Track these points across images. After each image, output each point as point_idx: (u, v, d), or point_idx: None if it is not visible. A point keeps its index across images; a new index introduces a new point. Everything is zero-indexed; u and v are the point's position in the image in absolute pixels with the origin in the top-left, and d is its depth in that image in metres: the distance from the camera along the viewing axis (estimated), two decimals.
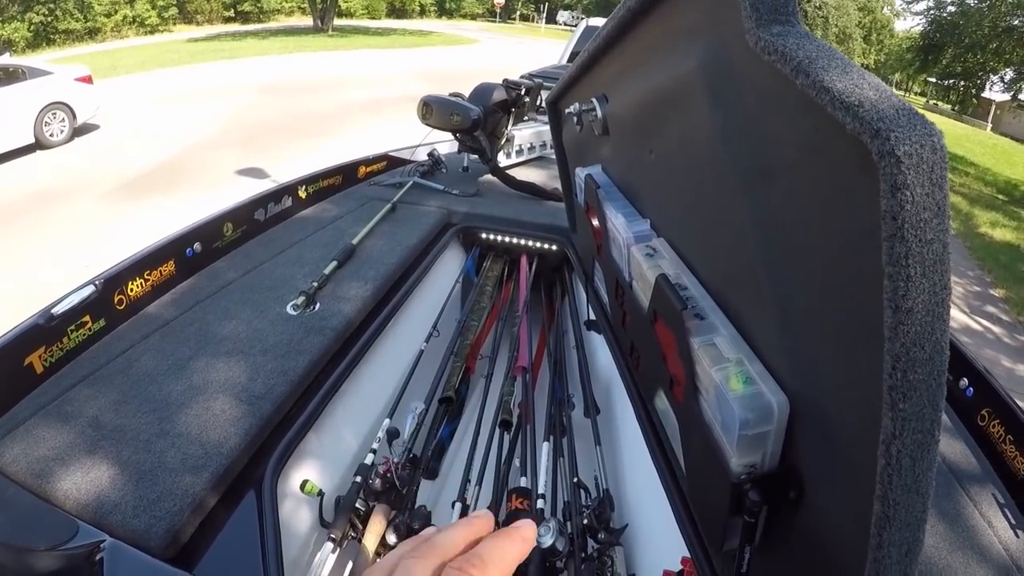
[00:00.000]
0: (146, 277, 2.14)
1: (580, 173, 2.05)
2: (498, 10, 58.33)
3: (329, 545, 1.53)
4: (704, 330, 1.18)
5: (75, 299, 1.88)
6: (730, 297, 1.22)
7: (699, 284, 1.34)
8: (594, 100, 1.86)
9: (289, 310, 2.19)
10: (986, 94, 32.61)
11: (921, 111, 0.70)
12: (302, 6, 39.69)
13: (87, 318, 1.90)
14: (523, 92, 3.87)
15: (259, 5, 39.34)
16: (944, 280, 0.66)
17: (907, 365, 0.67)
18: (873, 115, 0.66)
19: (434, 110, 3.39)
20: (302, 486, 1.65)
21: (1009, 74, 22.24)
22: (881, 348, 0.68)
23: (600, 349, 2.59)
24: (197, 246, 2.38)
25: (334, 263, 2.49)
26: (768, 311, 1.04)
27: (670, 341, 1.29)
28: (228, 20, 38.55)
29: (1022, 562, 1.60)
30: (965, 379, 2.17)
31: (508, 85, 3.82)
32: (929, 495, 0.74)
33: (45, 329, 1.77)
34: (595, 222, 1.97)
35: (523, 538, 0.53)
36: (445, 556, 0.49)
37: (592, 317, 2.49)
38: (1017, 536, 1.69)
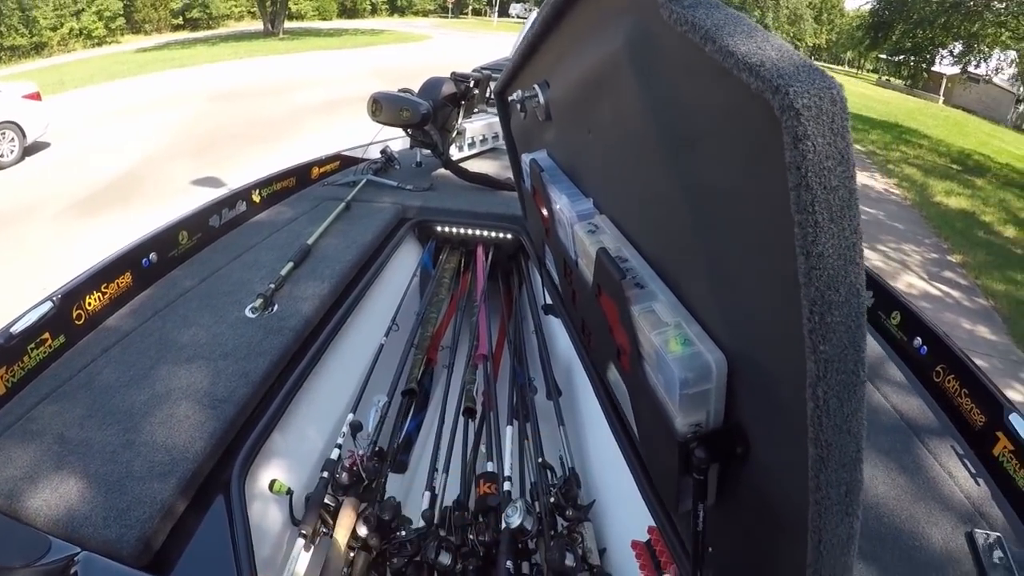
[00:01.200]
0: (104, 290, 2.14)
1: (526, 158, 2.07)
2: (450, 5, 58.13)
3: (301, 542, 1.55)
4: (643, 298, 1.21)
5: (33, 317, 1.87)
6: (668, 264, 1.25)
7: (639, 255, 1.37)
8: (536, 86, 1.88)
9: (248, 313, 2.20)
10: (937, 68, 33.00)
11: (874, 85, 0.73)
12: (252, 10, 39.32)
13: (47, 335, 1.90)
14: (472, 85, 3.89)
15: (208, 11, 38.96)
16: (854, 225, 0.68)
17: (824, 308, 0.70)
18: (773, 73, 0.69)
19: (383, 107, 3.38)
20: (270, 486, 1.67)
21: (958, 47, 22.52)
22: (799, 295, 0.71)
23: (558, 332, 2.63)
24: (153, 256, 2.37)
25: (290, 264, 2.50)
26: (702, 274, 1.07)
27: (614, 312, 1.32)
28: (177, 28, 38.16)
29: (984, 509, 1.66)
30: (919, 338, 2.23)
31: (457, 78, 3.83)
32: (861, 435, 0.77)
33: (5, 349, 1.76)
34: (542, 205, 2.00)
35: None
36: None
37: (548, 301, 2.52)
38: (977, 484, 1.75)
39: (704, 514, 1.09)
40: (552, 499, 1.75)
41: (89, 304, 2.08)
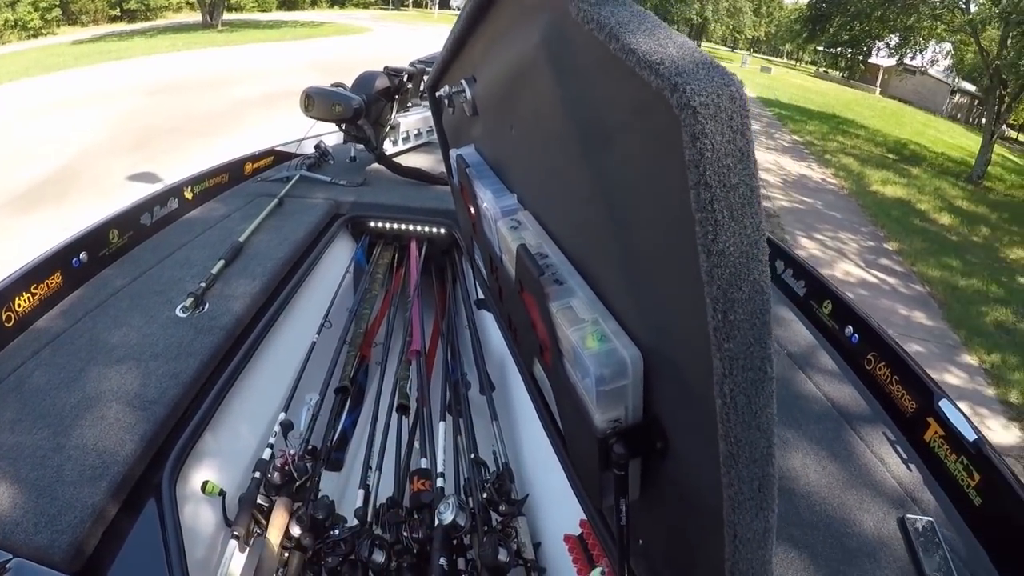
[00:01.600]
0: (33, 291, 2.09)
1: (453, 154, 2.07)
2: None
3: (234, 543, 1.54)
4: (562, 294, 1.21)
5: None
6: (586, 260, 1.26)
7: (560, 251, 1.37)
8: (463, 82, 1.87)
9: (178, 312, 2.17)
10: (874, 60, 33.51)
11: (812, 77, 0.73)
12: (190, 2, 38.59)
13: None
14: (406, 79, 3.87)
15: (146, 3, 38.15)
16: (755, 222, 0.69)
17: (726, 306, 0.70)
18: (672, 71, 0.69)
19: (316, 102, 3.36)
20: (203, 487, 1.65)
21: (894, 40, 22.84)
22: (703, 292, 0.72)
23: (491, 327, 2.63)
24: (83, 255, 2.33)
25: (222, 262, 2.46)
26: (617, 270, 1.08)
27: (535, 308, 1.32)
28: (114, 19, 37.32)
29: (916, 494, 1.70)
30: (850, 327, 2.27)
31: (390, 72, 3.80)
32: (771, 431, 0.77)
33: None
34: (469, 201, 2.00)
35: None
36: None
37: (481, 296, 2.52)
38: (909, 470, 1.79)
39: (627, 508, 1.10)
40: (485, 495, 1.76)
41: (18, 305, 2.03)
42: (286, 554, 1.62)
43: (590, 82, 1.00)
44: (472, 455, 1.94)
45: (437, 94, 2.08)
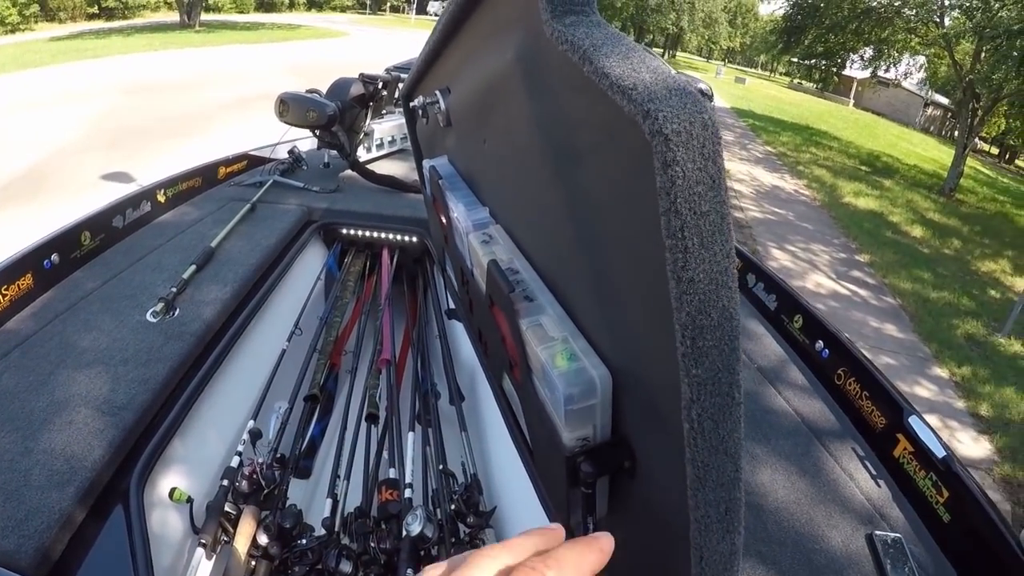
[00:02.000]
0: (3, 292, 2.08)
1: (426, 164, 2.06)
2: (368, 1, 57.66)
3: (201, 551, 1.54)
4: (532, 311, 1.21)
5: None
6: (557, 278, 1.25)
7: (531, 268, 1.37)
8: (437, 92, 1.87)
9: (149, 317, 2.15)
10: (847, 72, 33.81)
11: (786, 88, 0.73)
12: (168, 1, 38.40)
13: None
14: (381, 86, 3.87)
15: (124, 1, 37.87)
16: (726, 249, 0.69)
17: (695, 332, 0.70)
18: (644, 96, 0.68)
19: (291, 107, 3.35)
20: (170, 494, 1.64)
21: (868, 52, 23.04)
22: (672, 318, 0.71)
23: (462, 337, 2.63)
24: (55, 257, 2.31)
25: (193, 267, 2.45)
26: (587, 289, 1.08)
27: (505, 324, 1.32)
28: (92, 17, 36.99)
29: (884, 510, 1.71)
30: (820, 342, 2.28)
31: (365, 79, 3.80)
32: (738, 455, 0.77)
33: None
34: (441, 213, 2.00)
35: (600, 548, 0.52)
36: (517, 557, 0.48)
37: (452, 306, 2.52)
38: (878, 486, 1.80)
39: (593, 526, 1.10)
40: (454, 506, 1.76)
41: None
42: (253, 563, 1.61)
43: (563, 102, 1.00)
44: (441, 466, 1.94)
45: (411, 104, 2.08)
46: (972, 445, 5.18)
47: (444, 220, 1.97)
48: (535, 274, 1.34)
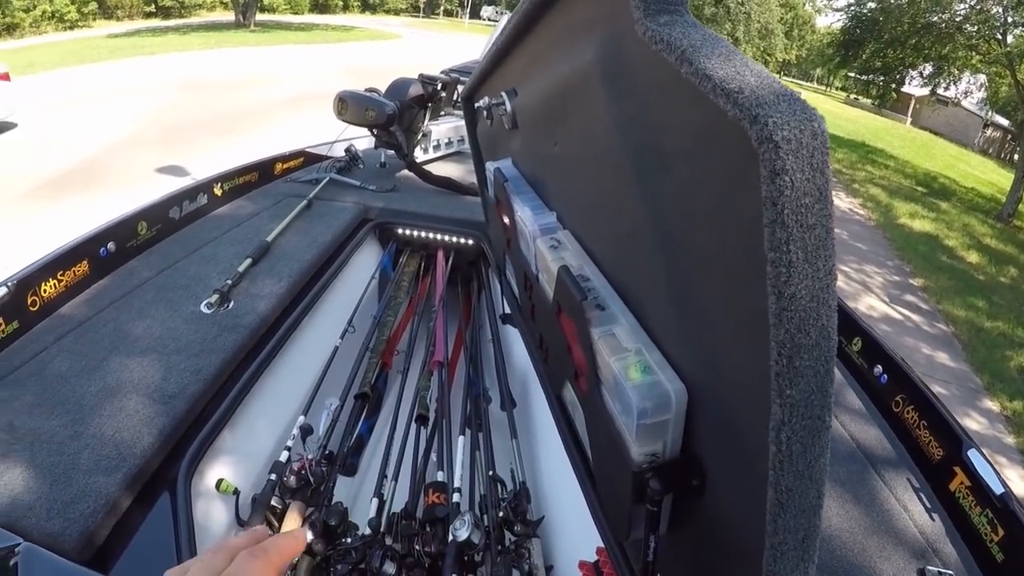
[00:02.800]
0: (60, 278, 2.11)
1: (490, 167, 2.05)
2: (422, 5, 58.19)
3: None
4: (604, 320, 1.18)
5: None
6: (631, 287, 1.22)
7: (602, 275, 1.34)
8: (503, 94, 1.86)
9: (203, 308, 2.17)
10: (906, 88, 33.42)
11: (842, 104, 0.69)
12: (224, 1, 39.11)
13: None
14: (439, 87, 3.88)
15: (180, 0, 38.58)
16: (828, 266, 0.65)
17: (792, 351, 0.67)
18: (752, 101, 0.65)
19: (350, 106, 3.37)
20: (217, 484, 1.66)
21: (928, 69, 22.75)
22: (768, 335, 0.68)
23: (516, 342, 2.61)
24: (111, 245, 2.34)
25: (248, 260, 2.46)
26: (666, 300, 1.04)
27: (573, 332, 1.30)
28: (149, 15, 37.76)
29: (936, 545, 1.65)
30: (879, 366, 2.22)
31: (424, 80, 3.82)
32: (823, 481, 0.74)
33: None
34: (505, 215, 1.98)
35: (295, 537, 0.68)
36: (234, 551, 0.61)
37: (507, 311, 2.50)
38: (932, 519, 1.74)
39: (655, 545, 1.07)
40: (501, 513, 1.74)
41: (44, 291, 2.05)
42: (295, 558, 1.60)
43: (651, 104, 0.97)
44: (490, 471, 1.92)
45: (476, 104, 2.06)
46: (1021, 484, 5.02)
47: (507, 223, 1.94)
48: (605, 281, 1.31)
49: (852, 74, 32.66)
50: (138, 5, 37.27)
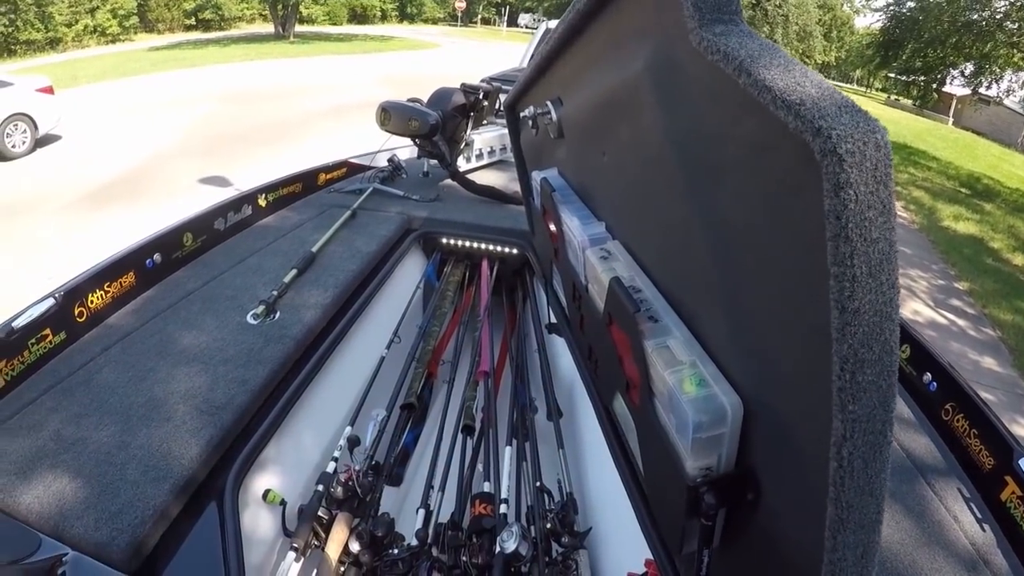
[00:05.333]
0: (106, 289, 2.13)
1: (536, 176, 2.04)
2: (459, 14, 58.38)
3: (292, 554, 1.54)
4: (657, 332, 1.17)
5: (35, 312, 1.87)
6: (684, 299, 1.22)
7: (653, 286, 1.33)
8: (549, 103, 1.86)
9: (249, 319, 2.18)
10: (947, 88, 32.98)
11: (883, 105, 0.69)
12: (263, 13, 39.53)
13: (47, 331, 1.90)
14: (481, 96, 3.88)
15: (220, 13, 39.15)
16: (892, 279, 0.65)
17: (855, 366, 0.66)
18: (814, 113, 0.65)
19: (392, 116, 3.38)
20: (264, 495, 1.66)
21: (969, 68, 22.48)
22: (830, 349, 0.67)
23: (562, 352, 2.59)
24: (157, 257, 2.37)
25: (294, 271, 2.48)
26: (720, 312, 1.04)
27: (625, 344, 1.29)
28: (189, 28, 38.37)
29: (988, 556, 1.61)
30: (928, 374, 2.18)
31: (466, 89, 3.82)
32: (883, 497, 0.73)
33: (5, 343, 1.76)
34: (552, 225, 1.97)
35: None
36: None
37: (553, 320, 2.49)
38: (983, 530, 1.70)
39: (709, 559, 1.06)
40: (548, 524, 1.72)
41: (91, 302, 2.07)
42: (343, 569, 1.61)
43: (705, 114, 0.96)
44: (536, 482, 1.90)
45: (520, 114, 2.06)
46: None
47: (554, 233, 1.94)
48: (657, 293, 1.30)
49: (892, 75, 32.31)
50: (178, 18, 37.90)
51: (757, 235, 0.87)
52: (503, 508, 1.77)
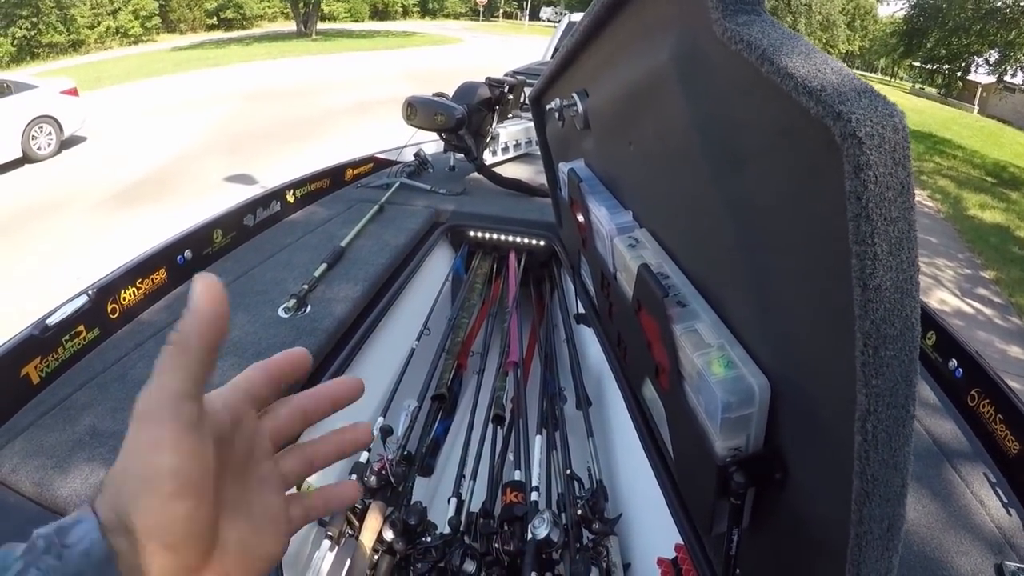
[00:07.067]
0: (138, 285, 2.16)
1: (563, 168, 2.06)
2: (481, 8, 58.26)
3: (327, 543, 1.57)
4: (686, 317, 1.19)
5: (68, 309, 1.89)
6: (711, 283, 1.23)
7: (681, 272, 1.35)
8: (574, 95, 1.87)
9: (281, 313, 2.21)
10: (972, 76, 32.65)
11: (907, 94, 0.71)
12: (285, 11, 39.64)
13: (81, 327, 1.92)
14: (507, 89, 3.88)
15: (241, 12, 39.30)
16: (911, 257, 0.66)
17: (878, 342, 0.68)
18: (835, 98, 0.67)
19: (418, 110, 3.40)
20: (298, 485, 1.67)
21: (994, 56, 22.25)
22: (853, 326, 0.69)
23: (590, 342, 2.61)
24: (188, 253, 2.40)
25: (324, 265, 2.50)
26: (747, 295, 1.06)
27: (654, 329, 1.30)
28: (211, 28, 38.53)
29: (1015, 540, 1.61)
30: (954, 360, 2.18)
31: (491, 83, 3.83)
32: (907, 470, 0.75)
33: (40, 340, 1.79)
34: (579, 216, 1.99)
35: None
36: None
37: (581, 310, 2.51)
38: (1009, 514, 1.70)
39: (738, 539, 1.08)
40: (579, 511, 1.74)
41: (124, 299, 2.10)
42: (376, 557, 1.63)
43: (729, 103, 0.98)
44: (567, 470, 1.92)
45: (548, 106, 2.08)
46: None
47: (582, 223, 1.96)
48: (684, 279, 1.32)
49: (916, 64, 31.99)
50: (200, 18, 38.07)
51: (781, 219, 0.89)
52: (534, 496, 1.78)
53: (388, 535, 1.62)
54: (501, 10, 63.73)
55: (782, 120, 0.82)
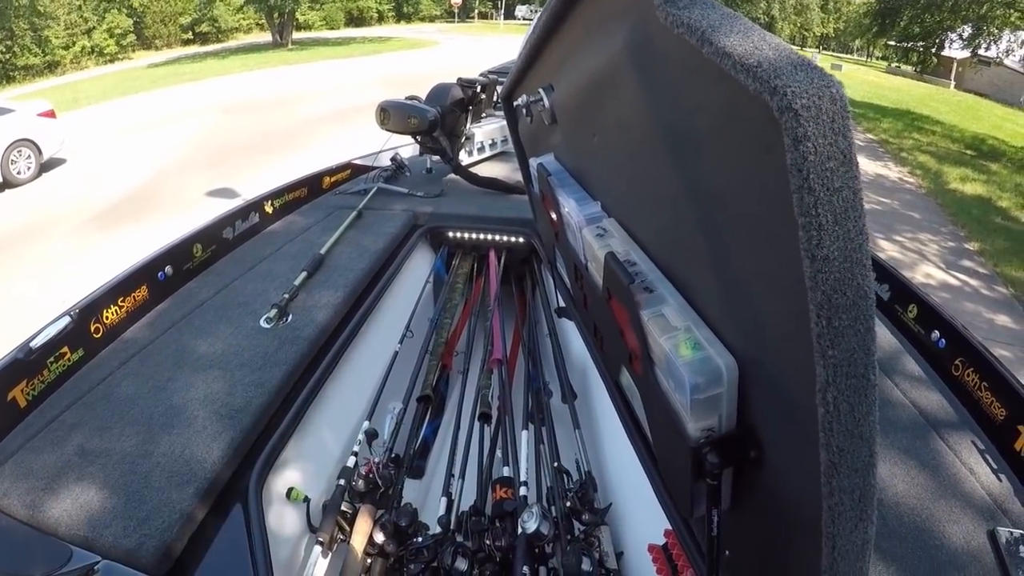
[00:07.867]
0: (120, 304, 2.16)
1: (533, 163, 2.07)
2: (456, 10, 58.08)
3: (318, 549, 1.58)
4: (653, 302, 1.20)
5: (52, 331, 1.89)
6: (677, 267, 1.24)
7: (648, 258, 1.36)
8: (540, 91, 1.88)
9: (263, 323, 2.21)
10: (947, 52, 32.71)
11: (884, 73, 0.71)
12: (260, 23, 39.40)
13: (65, 349, 1.92)
14: (479, 89, 3.90)
15: (216, 25, 39.10)
16: (859, 226, 0.67)
17: (831, 312, 0.69)
18: (771, 73, 0.68)
19: (391, 115, 3.41)
20: (287, 493, 1.69)
21: (967, 31, 22.30)
22: (807, 299, 0.70)
23: (572, 335, 2.62)
24: (168, 269, 2.39)
25: (304, 274, 2.51)
26: (711, 277, 1.06)
27: (624, 316, 1.31)
28: (187, 43, 38.34)
29: (1006, 505, 1.63)
30: (936, 331, 2.19)
31: (463, 84, 3.84)
32: (874, 439, 0.75)
33: (25, 363, 1.79)
34: (551, 209, 2.00)
35: None
36: None
37: (562, 304, 2.52)
38: (999, 480, 1.71)
39: (718, 519, 1.08)
40: (568, 503, 1.76)
41: (106, 318, 2.10)
42: (369, 560, 1.64)
43: (679, 87, 0.99)
44: (555, 464, 1.93)
45: (515, 103, 2.09)
46: None
47: (554, 217, 1.97)
48: (652, 265, 1.33)
49: (891, 43, 32.05)
50: (175, 33, 37.88)
51: (736, 198, 0.90)
52: (523, 491, 1.80)
53: (379, 538, 1.63)
54: (476, 11, 63.52)
55: (726, 99, 0.83)
